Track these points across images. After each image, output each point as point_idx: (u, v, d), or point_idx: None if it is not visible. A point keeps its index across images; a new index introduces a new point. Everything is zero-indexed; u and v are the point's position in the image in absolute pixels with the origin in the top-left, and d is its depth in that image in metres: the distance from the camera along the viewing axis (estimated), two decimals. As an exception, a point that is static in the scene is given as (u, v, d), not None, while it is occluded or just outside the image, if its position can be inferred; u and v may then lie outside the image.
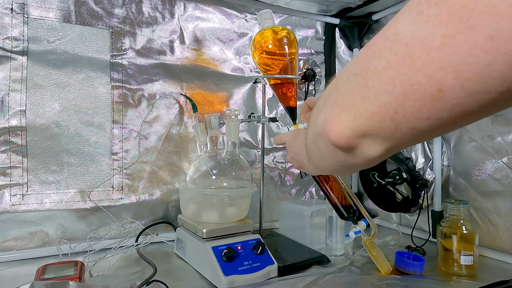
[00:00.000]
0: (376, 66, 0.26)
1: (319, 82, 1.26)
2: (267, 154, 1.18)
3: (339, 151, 0.32)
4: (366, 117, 0.27)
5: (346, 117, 0.29)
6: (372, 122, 0.27)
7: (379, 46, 0.26)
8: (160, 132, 1.01)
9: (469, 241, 0.78)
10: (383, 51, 0.25)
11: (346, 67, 0.31)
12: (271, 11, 0.78)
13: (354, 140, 0.30)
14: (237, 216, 0.85)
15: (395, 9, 1.12)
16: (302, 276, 0.74)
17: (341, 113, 0.29)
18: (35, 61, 0.86)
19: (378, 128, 0.27)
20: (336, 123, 0.30)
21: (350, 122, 0.29)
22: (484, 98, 0.22)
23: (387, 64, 0.25)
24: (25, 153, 0.85)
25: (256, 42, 0.78)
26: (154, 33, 1.00)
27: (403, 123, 0.26)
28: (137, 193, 0.98)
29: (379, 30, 0.27)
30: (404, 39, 0.24)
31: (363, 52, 0.28)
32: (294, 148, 0.57)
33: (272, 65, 0.77)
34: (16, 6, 0.84)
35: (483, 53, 0.20)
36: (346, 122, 0.29)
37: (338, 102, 0.30)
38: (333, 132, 0.30)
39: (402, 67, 0.24)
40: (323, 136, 0.32)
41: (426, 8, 0.22)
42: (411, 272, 0.77)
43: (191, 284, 0.73)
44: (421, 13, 0.23)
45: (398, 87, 0.24)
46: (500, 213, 0.89)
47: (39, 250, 0.86)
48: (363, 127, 0.28)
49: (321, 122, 0.32)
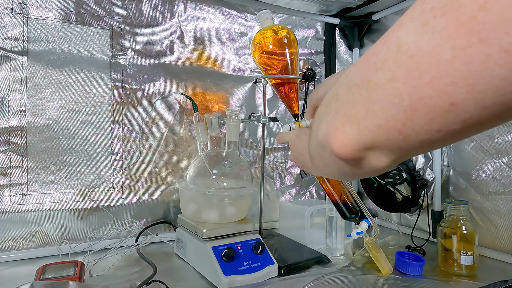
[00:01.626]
0: (380, 79, 0.25)
1: (319, 82, 1.26)
2: (267, 154, 1.18)
3: (343, 162, 0.32)
4: (372, 130, 0.27)
5: (350, 130, 0.28)
6: (379, 135, 0.27)
7: (381, 57, 0.25)
8: (160, 132, 1.01)
9: (469, 241, 0.78)
10: (386, 63, 0.25)
11: (347, 76, 0.30)
12: (269, 11, 0.78)
13: (359, 153, 0.29)
14: (237, 216, 0.85)
15: (395, 9, 1.12)
16: (302, 276, 0.74)
17: (344, 125, 0.29)
18: (35, 61, 0.86)
19: (385, 140, 0.27)
20: (339, 135, 0.29)
21: (355, 135, 0.28)
22: (499, 110, 0.21)
23: (392, 77, 0.24)
24: (25, 153, 0.85)
25: (256, 42, 0.78)
26: (154, 33, 1.00)
27: (411, 136, 0.25)
28: (137, 193, 0.98)
29: (379, 30, 0.27)
30: (409, 51, 0.23)
31: (364, 61, 0.28)
32: (297, 148, 0.57)
33: (272, 64, 0.77)
34: (16, 6, 0.84)
35: (498, 67, 0.19)
36: (349, 135, 0.29)
37: (340, 113, 0.29)
38: (337, 145, 0.30)
39: (409, 80, 0.23)
40: (326, 147, 0.32)
41: (431, 18, 0.21)
42: (411, 273, 0.77)
43: (191, 284, 0.73)
44: (425, 23, 0.22)
45: (406, 101, 0.24)
46: (500, 213, 0.89)
47: (39, 250, 0.86)
48: (368, 140, 0.28)
49: (323, 133, 0.32)
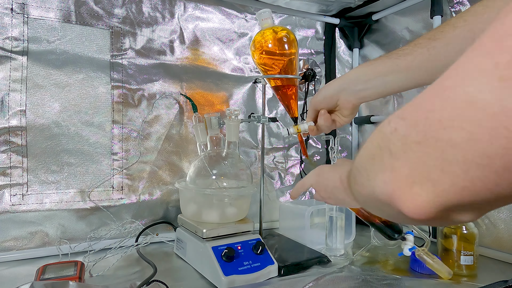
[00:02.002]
0: (453, 138, 0.23)
1: (319, 82, 1.26)
2: (267, 154, 1.18)
3: (412, 220, 0.29)
4: (454, 192, 0.25)
5: (423, 192, 0.26)
6: (463, 197, 0.25)
7: (446, 114, 0.24)
8: (160, 132, 1.01)
9: (469, 241, 0.78)
10: (457, 121, 0.23)
11: (395, 130, 0.28)
12: (269, 10, 0.78)
13: (439, 214, 0.27)
14: (237, 216, 0.85)
15: (395, 9, 1.12)
16: (302, 276, 0.74)
17: (413, 187, 0.26)
18: (35, 61, 0.86)
19: (472, 201, 0.25)
20: (409, 198, 0.27)
21: (431, 198, 0.26)
22: None
23: (471, 137, 0.22)
24: (25, 153, 0.85)
25: (256, 42, 0.78)
26: (154, 33, 1.00)
27: (506, 191, 0.23)
28: (137, 193, 0.98)
29: (379, 30, 0.26)
30: (488, 109, 0.21)
31: (421, 117, 0.26)
32: (326, 188, 0.56)
33: (272, 65, 0.77)
34: (16, 6, 0.84)
35: None
36: (423, 197, 0.26)
37: (402, 172, 0.27)
38: (409, 208, 0.27)
39: (497, 140, 0.21)
40: (390, 205, 0.29)
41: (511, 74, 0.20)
42: (427, 272, 0.77)
43: (191, 284, 0.73)
44: (504, 79, 0.21)
45: (497, 162, 0.22)
46: (500, 213, 0.89)
47: (39, 250, 0.86)
48: (450, 202, 0.25)
49: (383, 192, 0.29)
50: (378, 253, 0.91)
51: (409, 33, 1.11)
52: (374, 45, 1.24)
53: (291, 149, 1.22)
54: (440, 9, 0.99)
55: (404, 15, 1.13)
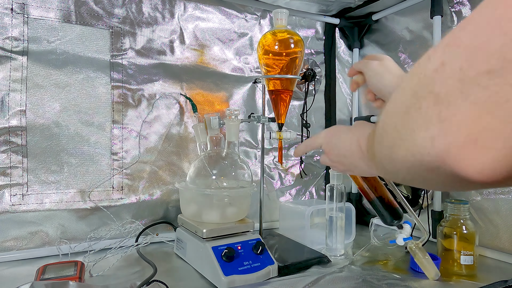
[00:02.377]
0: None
1: (319, 82, 1.26)
2: (267, 154, 1.18)
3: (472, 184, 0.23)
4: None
5: (488, 150, 0.21)
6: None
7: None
8: (160, 132, 1.01)
9: (469, 241, 0.78)
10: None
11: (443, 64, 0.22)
12: (286, 11, 0.77)
13: (509, 174, 0.21)
14: (237, 216, 0.85)
15: (395, 9, 1.12)
16: (302, 276, 0.74)
17: (475, 143, 0.21)
18: (35, 61, 0.86)
19: None
20: (471, 157, 0.21)
21: (501, 156, 0.20)
22: None
23: None
24: (25, 153, 0.85)
25: (260, 43, 0.78)
26: (154, 33, 1.00)
27: None
28: (137, 193, 0.98)
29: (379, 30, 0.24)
30: None
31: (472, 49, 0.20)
32: (339, 150, 0.49)
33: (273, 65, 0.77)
34: (16, 6, 0.84)
35: None
36: (490, 155, 0.21)
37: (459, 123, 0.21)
38: (470, 171, 0.22)
39: None
40: (438, 169, 0.24)
41: None
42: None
43: (191, 284, 0.73)
44: None
45: None
46: (500, 213, 0.89)
47: (39, 250, 0.86)
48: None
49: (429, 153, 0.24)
50: (378, 253, 0.91)
51: (409, 33, 1.11)
52: (374, 45, 1.25)
53: (291, 149, 1.23)
54: (440, 9, 0.99)
55: (404, 15, 1.13)
